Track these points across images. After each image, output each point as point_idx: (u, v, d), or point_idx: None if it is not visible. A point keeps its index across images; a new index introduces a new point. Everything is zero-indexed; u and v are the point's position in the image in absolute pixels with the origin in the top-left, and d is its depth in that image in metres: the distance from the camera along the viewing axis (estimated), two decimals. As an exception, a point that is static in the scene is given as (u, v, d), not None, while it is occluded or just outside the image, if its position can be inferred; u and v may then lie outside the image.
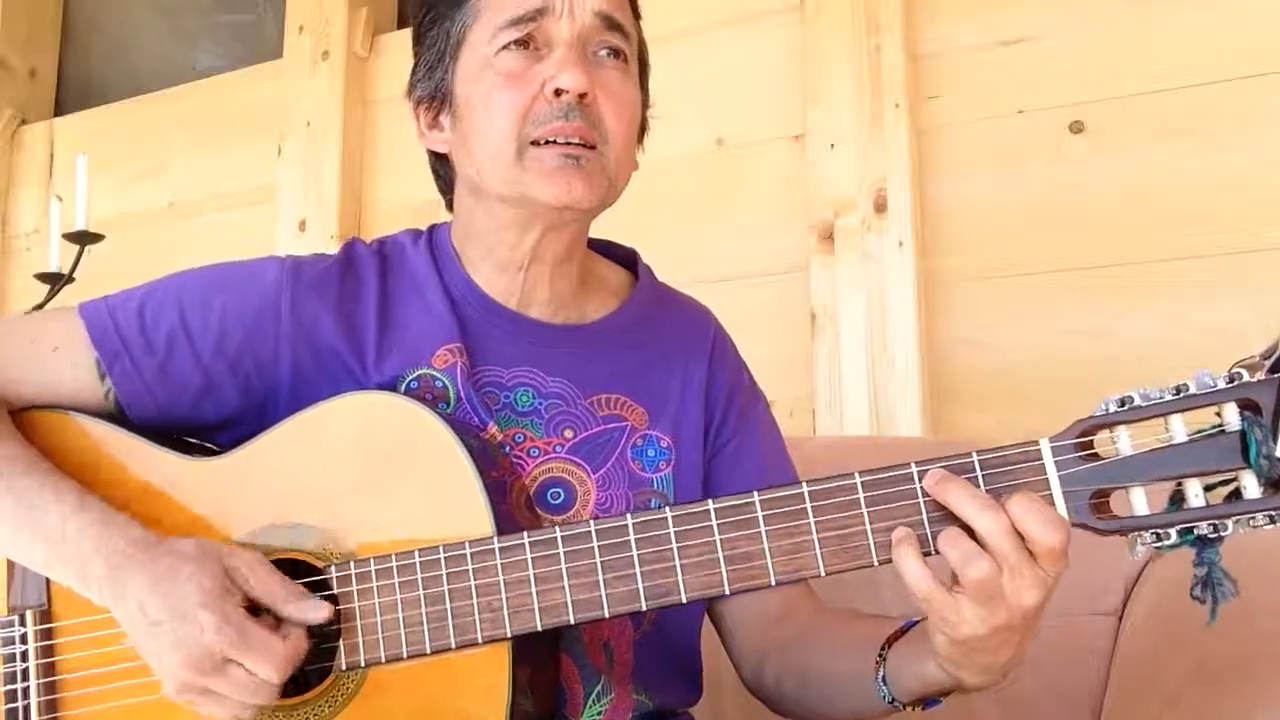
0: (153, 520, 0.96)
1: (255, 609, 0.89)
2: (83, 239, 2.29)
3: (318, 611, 0.89)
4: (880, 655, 0.92)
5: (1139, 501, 0.81)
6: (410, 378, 1.03)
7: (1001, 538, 0.78)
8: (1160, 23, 1.74)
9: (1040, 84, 1.81)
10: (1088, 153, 1.77)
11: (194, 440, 1.06)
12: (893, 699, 0.91)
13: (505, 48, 1.00)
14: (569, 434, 1.05)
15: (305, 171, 2.51)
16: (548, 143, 0.98)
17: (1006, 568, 0.78)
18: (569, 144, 0.98)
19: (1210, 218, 1.68)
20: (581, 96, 0.98)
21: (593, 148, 0.99)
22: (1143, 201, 1.72)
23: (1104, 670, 1.25)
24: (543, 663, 0.97)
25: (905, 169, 1.86)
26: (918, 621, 0.93)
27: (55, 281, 2.33)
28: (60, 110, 3.10)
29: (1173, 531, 0.80)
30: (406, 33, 2.55)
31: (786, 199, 2.00)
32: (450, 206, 1.14)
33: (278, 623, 0.89)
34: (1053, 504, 0.81)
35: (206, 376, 1.01)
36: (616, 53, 1.03)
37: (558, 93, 0.98)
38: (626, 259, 1.19)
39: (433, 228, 1.14)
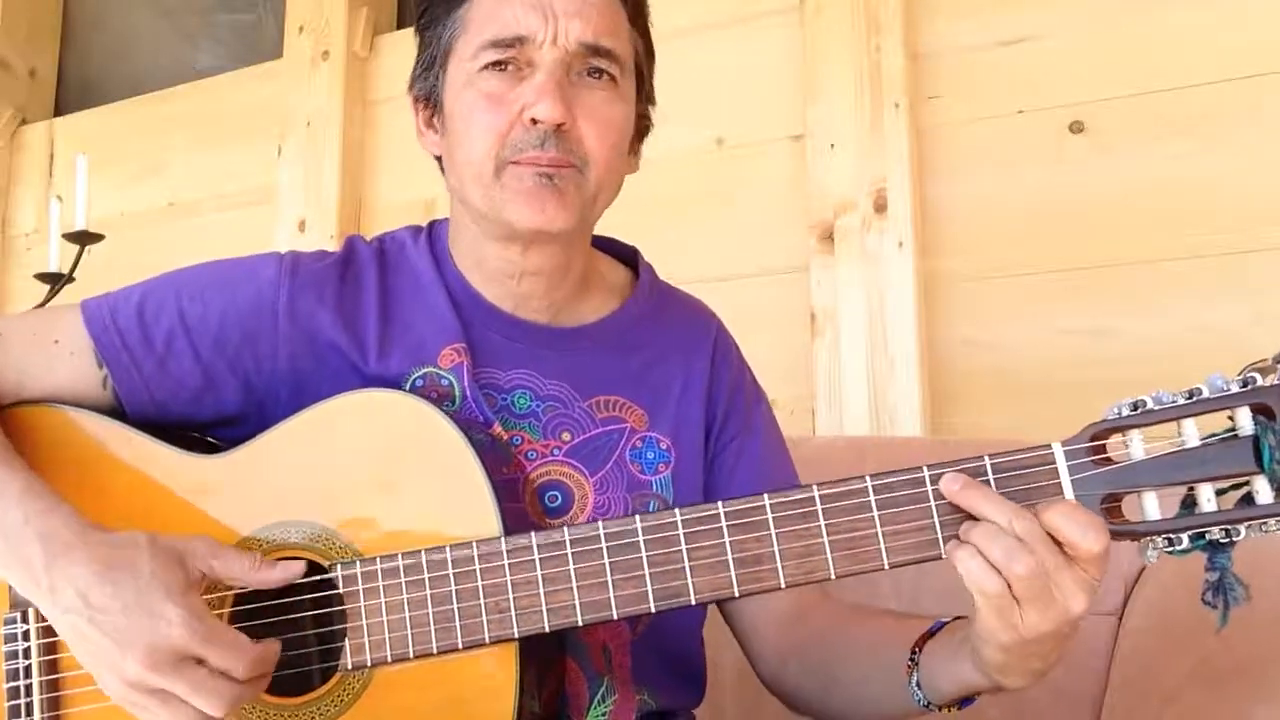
0: (156, 517, 0.96)
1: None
2: (83, 239, 2.29)
3: (291, 568, 0.89)
4: (912, 658, 0.92)
5: (1151, 506, 0.81)
6: (415, 376, 1.03)
7: (1037, 543, 0.78)
8: (1160, 23, 1.74)
9: (1040, 84, 1.81)
10: (1088, 153, 1.77)
11: (195, 435, 1.06)
12: (927, 702, 0.91)
13: (486, 67, 0.99)
14: (567, 436, 1.04)
15: (305, 171, 2.51)
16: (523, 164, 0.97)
17: (1046, 573, 0.78)
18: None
19: (1210, 218, 1.68)
20: (559, 125, 0.97)
21: (570, 167, 0.98)
22: (1143, 201, 1.72)
23: (1104, 670, 1.25)
24: (548, 664, 0.96)
25: (905, 169, 1.86)
26: (946, 622, 0.93)
27: (55, 281, 2.33)
28: (60, 110, 3.11)
29: (1185, 536, 0.80)
30: (406, 33, 2.57)
31: (786, 199, 2.00)
32: None
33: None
34: None
35: (206, 374, 1.01)
36: (603, 73, 1.01)
37: (535, 121, 0.97)
38: (628, 257, 1.19)
39: (433, 224, 1.13)
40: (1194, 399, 0.80)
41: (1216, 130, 1.68)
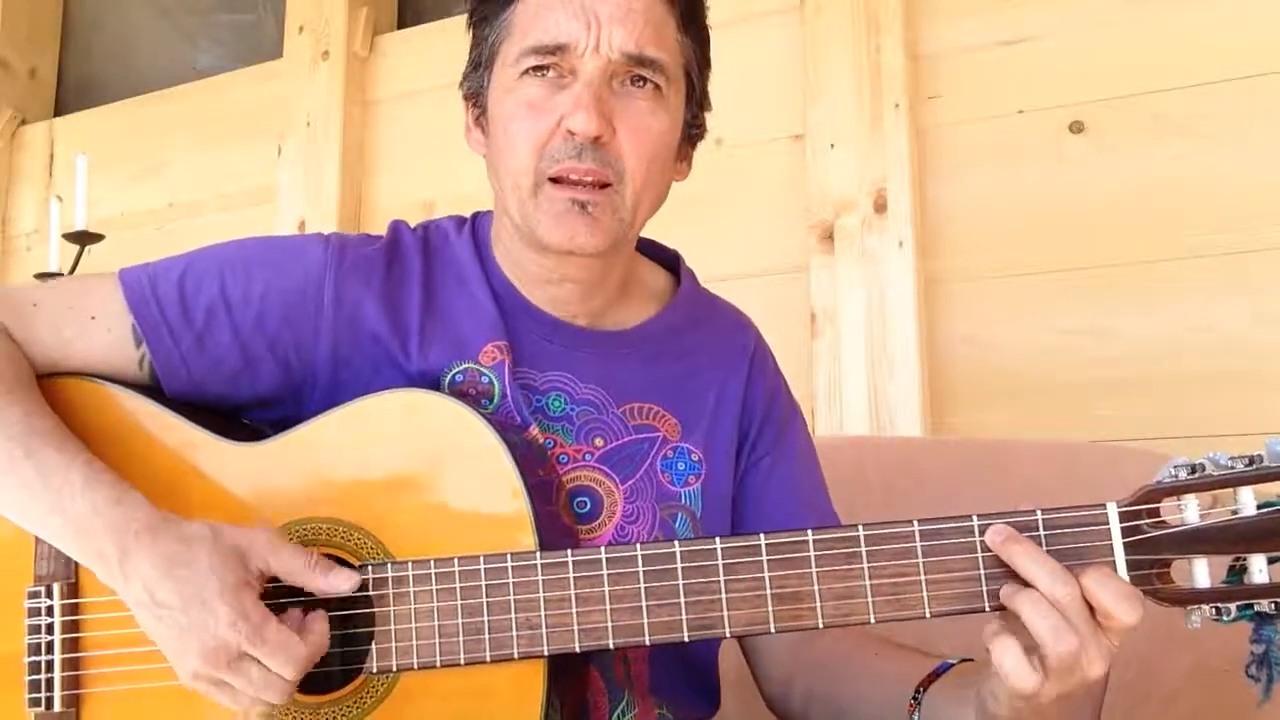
0: (188, 501, 0.95)
1: (281, 597, 0.87)
2: (83, 239, 2.29)
3: (346, 581, 0.87)
4: (915, 698, 0.91)
5: (1200, 573, 0.79)
6: (456, 370, 1.01)
7: (1076, 610, 0.77)
8: (1160, 23, 1.74)
9: (1040, 84, 1.82)
10: (1088, 153, 1.77)
11: (231, 417, 1.05)
12: None
13: (526, 73, 0.97)
14: (599, 442, 1.03)
15: (305, 171, 2.51)
16: (561, 180, 0.96)
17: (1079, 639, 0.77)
18: (580, 184, 0.96)
19: (1210, 218, 1.68)
20: (596, 138, 0.95)
21: (606, 186, 0.96)
22: (1143, 201, 1.72)
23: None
24: (573, 676, 0.95)
25: (905, 169, 1.86)
26: (953, 664, 0.92)
27: (55, 281, 2.33)
28: (60, 110, 3.10)
29: (1233, 607, 0.78)
30: (406, 32, 2.57)
31: (786, 199, 2.00)
32: None
33: (303, 614, 0.87)
34: (1115, 568, 0.79)
35: (244, 352, 1.00)
36: (646, 81, 0.98)
37: (572, 132, 0.95)
38: (669, 261, 1.17)
39: (476, 216, 1.11)
40: (1254, 466, 0.78)
41: (1216, 130, 1.68)
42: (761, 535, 0.85)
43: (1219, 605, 0.78)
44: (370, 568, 0.91)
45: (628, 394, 1.05)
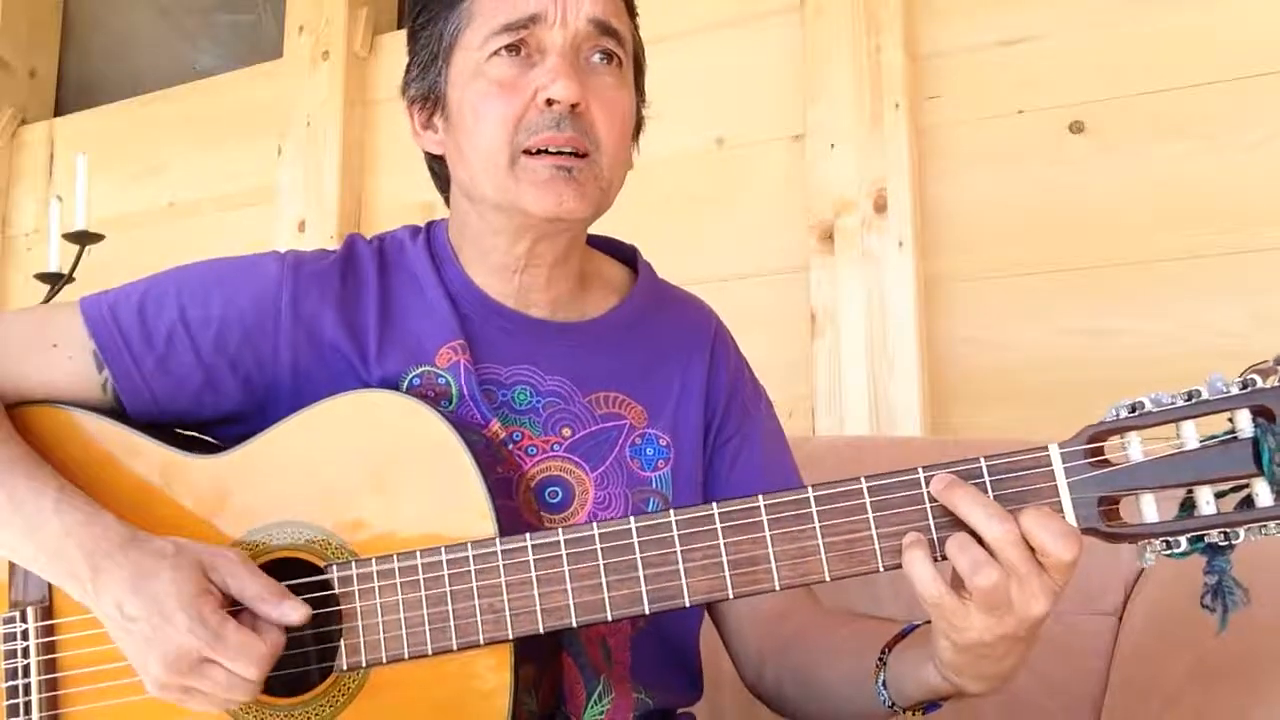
0: (154, 518, 0.96)
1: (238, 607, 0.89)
2: (83, 239, 2.29)
3: (296, 612, 0.89)
4: (880, 659, 0.92)
5: (1149, 509, 0.80)
6: (413, 374, 1.03)
7: (1011, 547, 0.77)
8: (1160, 23, 1.74)
9: (1040, 84, 1.82)
10: (1088, 153, 1.77)
11: (194, 435, 1.06)
12: (892, 703, 0.91)
13: (496, 53, 1.00)
14: (567, 432, 1.05)
15: (305, 171, 2.51)
16: (540, 152, 0.98)
17: (1015, 577, 0.78)
18: (561, 154, 0.98)
19: (1210, 218, 1.68)
20: (573, 106, 0.98)
21: (585, 155, 0.99)
22: (1143, 201, 1.72)
23: (1104, 670, 1.25)
24: (545, 662, 0.97)
25: (905, 169, 1.86)
26: (918, 625, 0.92)
27: (55, 281, 2.34)
28: (60, 110, 3.11)
29: (1183, 539, 0.79)
30: (406, 32, 2.57)
31: (786, 199, 2.00)
32: (448, 203, 1.14)
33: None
34: (1061, 510, 0.80)
35: (206, 372, 1.01)
36: (610, 57, 1.02)
37: (550, 102, 0.97)
38: (627, 256, 1.19)
39: (431, 224, 1.14)
40: (1193, 401, 0.79)
41: (1216, 130, 1.68)
42: (714, 504, 0.86)
43: (1169, 539, 0.79)
44: (335, 568, 0.92)
45: (593, 383, 1.07)
